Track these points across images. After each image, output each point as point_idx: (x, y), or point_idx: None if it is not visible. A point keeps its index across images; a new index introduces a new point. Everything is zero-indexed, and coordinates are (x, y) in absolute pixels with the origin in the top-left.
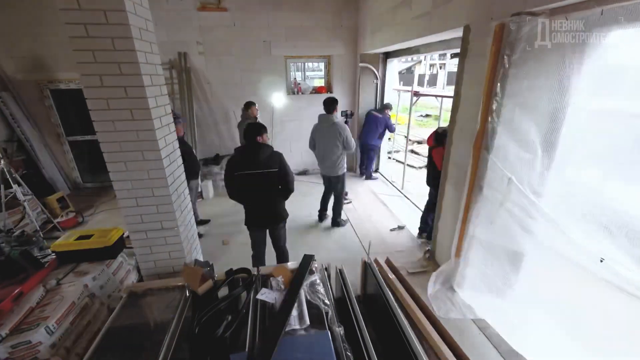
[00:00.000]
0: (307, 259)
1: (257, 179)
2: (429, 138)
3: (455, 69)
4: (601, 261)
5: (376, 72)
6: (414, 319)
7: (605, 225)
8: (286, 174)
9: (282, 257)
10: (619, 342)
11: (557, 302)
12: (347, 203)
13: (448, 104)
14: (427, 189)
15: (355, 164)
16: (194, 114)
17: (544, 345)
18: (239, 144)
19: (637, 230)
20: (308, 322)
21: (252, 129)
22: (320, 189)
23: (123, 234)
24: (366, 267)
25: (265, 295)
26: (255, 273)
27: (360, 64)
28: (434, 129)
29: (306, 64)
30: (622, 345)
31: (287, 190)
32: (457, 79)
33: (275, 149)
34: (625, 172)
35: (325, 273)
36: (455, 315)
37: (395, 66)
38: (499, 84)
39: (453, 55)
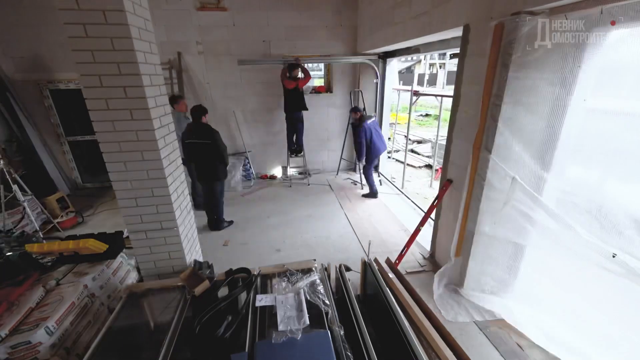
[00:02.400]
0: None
1: (199, 147)
2: None
3: (454, 69)
4: (613, 256)
5: (376, 69)
6: (414, 318)
7: (614, 220)
8: (217, 147)
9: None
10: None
11: (565, 298)
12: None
13: (448, 103)
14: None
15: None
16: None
17: (554, 341)
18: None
19: None
20: (308, 322)
21: (200, 111)
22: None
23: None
24: (366, 266)
25: (264, 300)
26: (255, 273)
27: (360, 63)
28: None
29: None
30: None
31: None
32: (457, 79)
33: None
34: (629, 170)
35: (325, 273)
36: (463, 318)
37: (395, 66)
38: (498, 84)
39: (452, 56)
